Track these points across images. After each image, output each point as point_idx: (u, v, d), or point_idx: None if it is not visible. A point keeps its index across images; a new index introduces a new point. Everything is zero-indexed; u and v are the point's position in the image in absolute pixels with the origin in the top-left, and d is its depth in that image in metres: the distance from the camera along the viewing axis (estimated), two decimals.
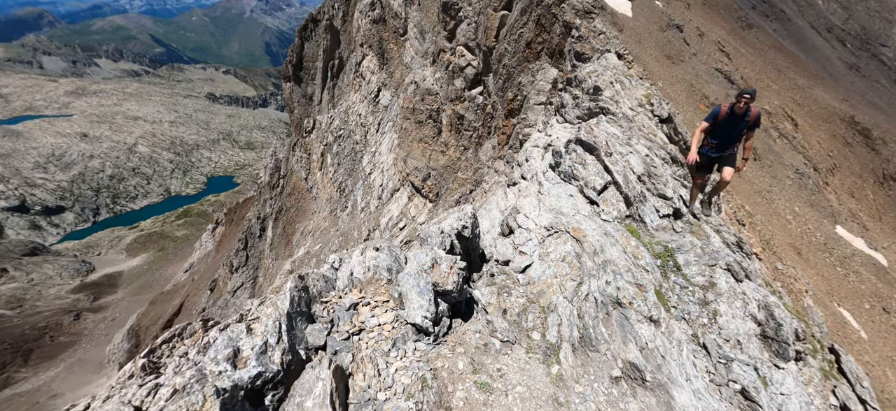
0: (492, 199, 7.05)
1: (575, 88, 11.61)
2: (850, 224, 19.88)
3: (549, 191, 5.95)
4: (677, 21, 28.41)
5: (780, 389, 3.82)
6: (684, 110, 20.83)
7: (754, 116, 5.40)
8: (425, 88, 18.22)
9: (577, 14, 20.03)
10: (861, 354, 11.85)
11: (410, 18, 20.08)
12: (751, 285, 4.84)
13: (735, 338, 4.13)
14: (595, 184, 5.78)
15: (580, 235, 4.94)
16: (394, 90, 20.72)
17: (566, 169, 6.21)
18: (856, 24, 46.60)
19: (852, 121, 27.65)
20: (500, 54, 19.94)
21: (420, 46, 19.62)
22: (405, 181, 17.79)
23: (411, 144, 18.68)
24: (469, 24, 19.05)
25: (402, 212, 17.57)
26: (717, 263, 4.88)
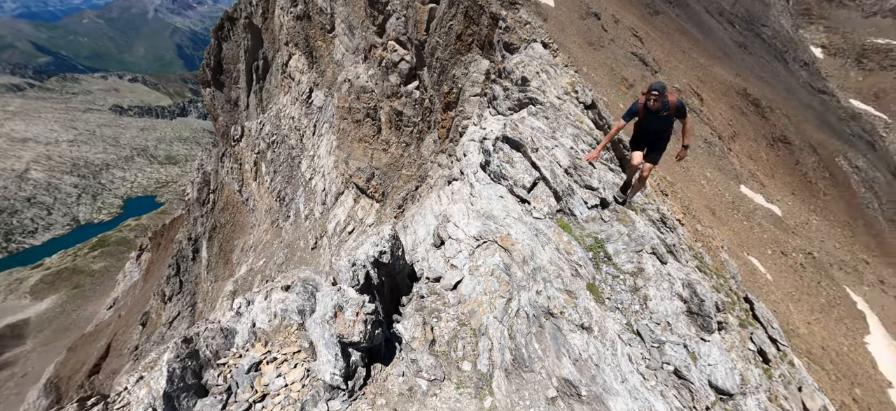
0: (427, 204, 6.84)
1: (505, 80, 11.93)
2: (751, 182, 22.69)
3: (480, 193, 5.81)
4: (595, 9, 30.28)
5: (708, 360, 4.06)
6: (607, 93, 22.34)
7: (675, 106, 5.23)
8: (360, 86, 17.72)
9: (503, 5, 20.60)
10: (769, 294, 13.68)
11: (337, 14, 19.32)
12: (675, 265, 5.10)
13: (665, 320, 4.27)
14: (524, 182, 5.69)
15: (509, 244, 4.75)
16: (327, 89, 19.86)
17: (495, 168, 6.06)
18: (741, 7, 52.93)
19: (745, 94, 31.50)
20: (432, 47, 19.95)
21: (350, 43, 18.97)
22: (349, 183, 17.22)
23: (351, 145, 18.11)
24: (398, 18, 18.81)
25: (349, 216, 17.03)
26: (643, 248, 4.98)
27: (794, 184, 25.66)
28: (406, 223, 7.25)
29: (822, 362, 11.82)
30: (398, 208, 17.27)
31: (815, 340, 12.93)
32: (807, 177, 26.99)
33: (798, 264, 17.89)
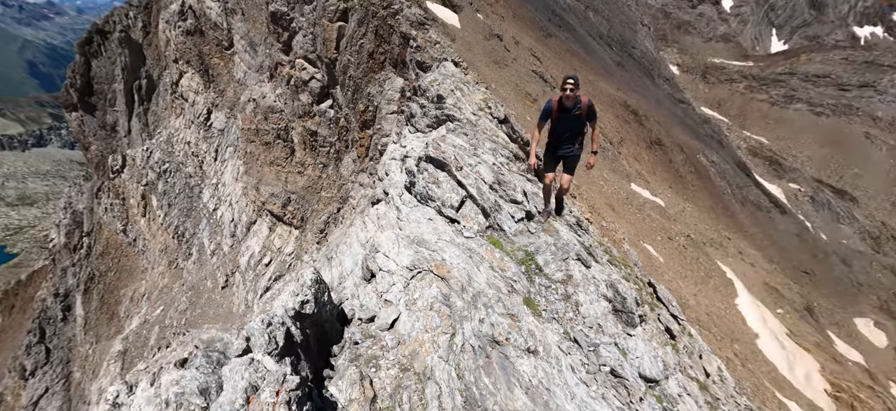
0: (352, 232, 6.35)
1: (421, 98, 12.14)
2: (638, 180, 26.08)
3: (407, 217, 5.51)
4: (497, 31, 32.59)
5: (636, 354, 4.35)
6: (515, 107, 24.04)
7: (586, 106, 5.24)
8: (267, 106, 16.53)
9: (413, 25, 21.13)
10: (663, 275, 15.76)
11: (235, 30, 17.90)
12: (597, 267, 5.38)
13: (596, 322, 4.47)
14: (452, 202, 5.55)
15: (445, 272, 4.43)
16: (228, 110, 18.08)
17: (421, 190, 5.82)
18: (616, 32, 61.47)
19: (626, 105, 36.39)
20: (344, 66, 19.58)
21: (253, 60, 17.66)
22: (262, 211, 15.78)
23: (262, 169, 16.70)
24: (305, 35, 18.15)
25: (264, 247, 15.51)
26: (569, 256, 5.13)
27: (670, 179, 30.13)
28: (330, 253, 6.63)
29: (708, 326, 13.96)
30: (320, 233, 16.40)
31: (701, 308, 15.24)
32: (678, 173, 31.94)
33: (681, 246, 20.92)
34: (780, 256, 30.13)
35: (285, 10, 17.21)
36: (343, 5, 18.75)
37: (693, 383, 4.87)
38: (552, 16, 50.06)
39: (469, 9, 33.42)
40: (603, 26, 60.42)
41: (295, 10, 17.58)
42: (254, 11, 18.56)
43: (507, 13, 39.16)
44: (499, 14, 37.39)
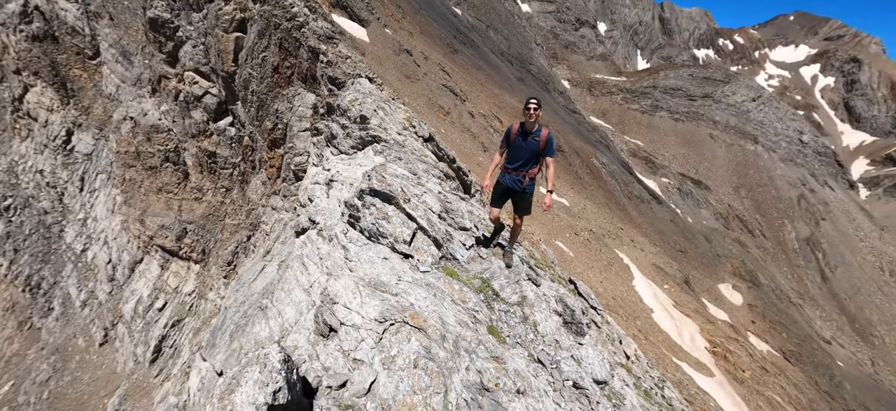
0: (290, 275, 5.62)
1: (341, 118, 11.69)
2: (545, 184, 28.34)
3: (358, 257, 5.07)
4: (406, 46, 33.03)
5: (588, 361, 4.59)
6: (429, 120, 24.51)
7: (545, 139, 4.97)
8: (150, 124, 14.14)
9: (321, 39, 20.32)
10: (575, 267, 17.25)
11: (101, 36, 15.01)
12: (546, 284, 5.51)
13: (553, 339, 4.58)
14: (404, 236, 5.32)
15: (420, 322, 4.08)
16: (97, 130, 14.80)
17: (370, 226, 5.45)
18: (514, 50, 66.79)
19: None
20: (245, 80, 17.97)
21: (128, 72, 14.98)
22: (150, 246, 13.26)
23: (147, 197, 14.14)
24: (195, 46, 16.26)
25: (156, 288, 12.91)
26: (520, 277, 5.21)
27: (571, 181, 33.37)
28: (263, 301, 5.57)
29: (616, 309, 15.63)
30: (228, 265, 14.60)
31: (608, 294, 17.02)
32: (578, 174, 35.57)
33: (586, 240, 23.18)
34: (661, 240, 35.27)
35: (168, 16, 15.19)
36: (240, 15, 17.26)
37: (622, 369, 5.33)
38: (457, 33, 52.51)
39: (376, 23, 33.36)
40: (503, 44, 65.20)
41: (180, 18, 15.63)
42: (126, 16, 15.96)
43: (415, 29, 40.02)
44: (406, 30, 38.01)
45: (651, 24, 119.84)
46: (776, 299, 37.64)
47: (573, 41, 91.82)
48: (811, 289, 48.98)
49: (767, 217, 57.75)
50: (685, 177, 59.96)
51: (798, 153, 70.93)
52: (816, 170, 69.19)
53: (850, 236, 59.55)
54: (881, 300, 51.59)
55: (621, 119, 72.97)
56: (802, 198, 61.60)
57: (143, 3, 16.33)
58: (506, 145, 5.25)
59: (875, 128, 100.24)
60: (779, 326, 31.33)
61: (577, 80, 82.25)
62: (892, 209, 73.98)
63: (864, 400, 28.20)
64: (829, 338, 40.03)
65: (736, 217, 55.43)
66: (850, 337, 44.09)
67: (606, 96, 78.61)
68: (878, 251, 58.09)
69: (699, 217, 52.29)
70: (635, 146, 65.13)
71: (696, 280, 31.78)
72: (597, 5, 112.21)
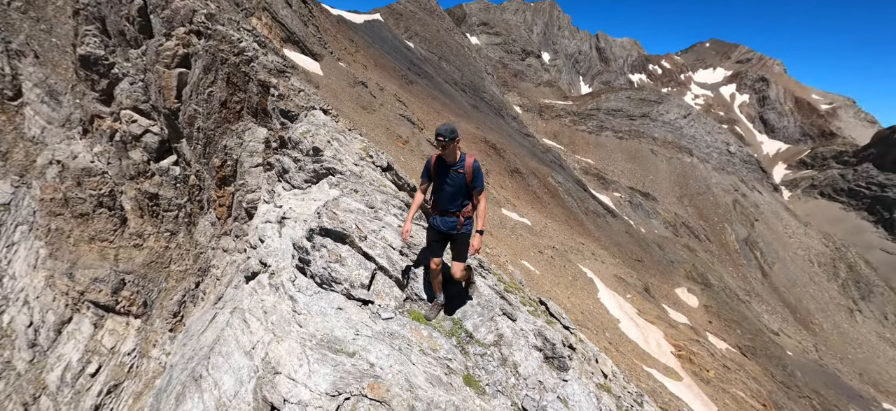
0: (228, 334, 4.65)
1: (293, 150, 11.24)
2: (507, 205, 28.84)
3: (308, 310, 4.33)
4: (361, 79, 33.12)
5: (575, 399, 4.14)
6: (388, 150, 24.39)
7: (470, 169, 4.22)
8: (80, 168, 12.76)
9: (271, 73, 19.85)
10: (542, 285, 17.36)
11: (25, 75, 13.56)
12: (522, 316, 5.07)
13: (536, 380, 4.16)
14: (361, 280, 4.63)
15: (382, 392, 3.44)
16: (17, 178, 13.00)
17: (321, 271, 4.72)
18: (468, 79, 69.19)
19: (486, 141, 40.58)
20: (190, 116, 17.00)
21: (55, 113, 13.51)
22: (81, 303, 11.56)
23: (77, 248, 12.53)
24: (133, 83, 15.25)
25: (88, 351, 11.11)
26: (494, 312, 4.77)
27: (531, 201, 34.24)
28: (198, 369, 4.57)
29: (585, 323, 15.80)
30: (174, 317, 13.24)
31: (577, 309, 17.22)
32: (537, 194, 36.61)
33: (550, 257, 23.59)
34: (619, 251, 36.77)
35: (101, 53, 14.17)
36: (183, 51, 16.49)
37: (604, 393, 5.17)
38: (411, 65, 53.63)
39: (330, 58, 33.32)
40: (456, 74, 67.35)
41: (116, 55, 14.65)
42: (54, 54, 14.69)
43: (369, 62, 40.38)
44: (361, 63, 38.24)
45: (589, 53, 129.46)
46: (727, 298, 40.13)
47: (521, 70, 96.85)
48: (755, 285, 52.84)
49: (709, 222, 62.31)
50: (634, 190, 63.68)
51: (727, 162, 78.00)
52: (745, 177, 76.23)
53: (781, 234, 65.51)
54: (814, 290, 56.63)
55: (571, 140, 76.90)
56: (737, 202, 67.30)
57: (73, 41, 15.18)
58: (427, 179, 4.48)
59: (787, 136, 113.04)
60: (733, 323, 33.26)
61: (528, 105, 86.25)
62: (810, 207, 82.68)
63: (814, 386, 30.25)
64: (777, 330, 43.05)
65: (682, 224, 59.27)
66: (794, 326, 47.72)
67: (556, 119, 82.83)
68: (805, 245, 64.19)
69: (651, 227, 55.38)
70: (587, 164, 68.61)
71: (655, 287, 33.20)
72: (540, 37, 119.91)
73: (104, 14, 16.42)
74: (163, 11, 17.15)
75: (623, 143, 76.55)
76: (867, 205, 79.16)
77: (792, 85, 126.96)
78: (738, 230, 61.88)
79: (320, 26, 38.80)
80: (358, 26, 55.53)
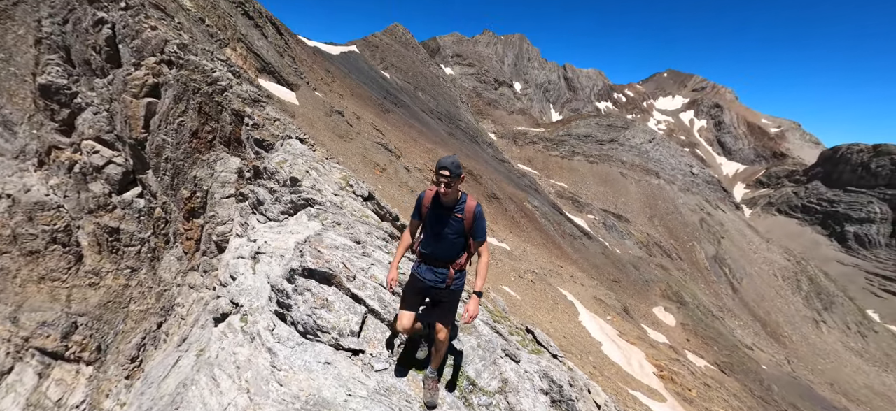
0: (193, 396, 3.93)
1: (269, 181, 10.88)
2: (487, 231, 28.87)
3: (290, 365, 3.72)
4: (338, 108, 33.08)
5: None
6: (366, 177, 24.15)
7: (471, 213, 3.49)
8: (33, 202, 11.86)
9: (246, 102, 19.48)
10: (524, 310, 17.19)
11: None
12: (525, 357, 4.77)
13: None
14: (351, 327, 4.10)
15: None
16: None
17: (304, 319, 4.14)
18: (443, 108, 70.48)
19: (463, 168, 40.99)
20: (157, 147, 16.30)
21: (8, 144, 12.63)
22: (24, 351, 10.41)
23: (23, 289, 11.43)
24: (97, 112, 14.54)
25: (31, 404, 9.88)
26: (497, 355, 4.44)
27: (509, 226, 34.47)
28: None
29: (569, 348, 15.65)
30: (132, 362, 12.15)
31: (559, 333, 17.09)
32: (514, 219, 36.94)
33: (530, 281, 23.56)
34: (597, 272, 37.28)
35: (64, 82, 13.49)
36: (152, 80, 15.96)
37: None
38: (387, 94, 54.22)
39: (306, 87, 33.20)
40: (432, 103, 68.50)
41: (79, 84, 13.98)
42: (11, 83, 13.84)
43: (346, 92, 40.51)
44: (337, 92, 38.31)
45: (558, 83, 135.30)
46: (702, 315, 41.12)
47: (494, 99, 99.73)
48: (726, 301, 54.56)
49: (680, 240, 64.53)
50: (607, 212, 65.45)
51: (692, 183, 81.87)
52: (708, 197, 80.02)
53: (746, 250, 68.53)
54: (781, 303, 59.03)
55: (545, 165, 78.91)
56: (703, 221, 70.25)
57: (33, 70, 14.41)
58: (418, 219, 3.72)
59: (743, 158, 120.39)
60: (709, 340, 33.95)
61: (502, 132, 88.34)
62: (770, 223, 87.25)
63: (791, 399, 30.97)
64: (751, 344, 44.27)
65: (655, 244, 61.08)
66: (766, 340, 49.25)
67: (530, 145, 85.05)
68: (768, 260, 67.28)
69: (625, 247, 56.73)
70: (561, 188, 70.27)
71: (633, 307, 33.65)
72: (511, 68, 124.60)
73: (69, 43, 15.76)
74: (133, 41, 16.65)
75: (594, 167, 79.18)
76: (820, 220, 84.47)
77: (743, 110, 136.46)
78: (707, 248, 64.33)
79: (296, 57, 38.86)
80: (334, 57, 56.04)
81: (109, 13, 14.37)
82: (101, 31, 14.86)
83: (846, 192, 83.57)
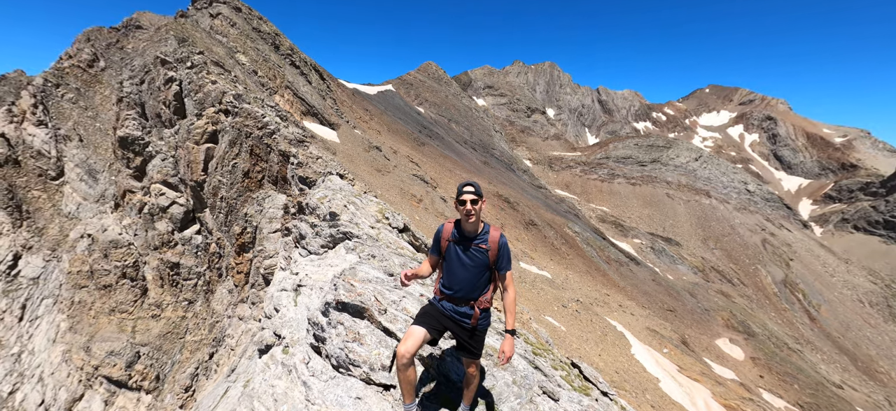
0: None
1: (310, 216, 11.38)
2: (525, 259, 28.20)
3: (324, 399, 3.87)
4: (376, 143, 34.46)
5: None
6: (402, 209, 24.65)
7: (496, 245, 3.26)
8: (109, 240, 13.18)
9: (292, 143, 20.84)
10: (570, 342, 16.34)
11: (68, 157, 14.63)
12: (565, 395, 4.56)
13: None
14: (382, 361, 4.18)
15: None
16: (49, 252, 13.54)
17: (337, 352, 4.30)
18: (476, 138, 71.34)
19: (499, 195, 40.80)
20: (214, 187, 17.70)
21: (91, 189, 14.38)
22: (94, 378, 11.31)
23: (96, 321, 12.55)
24: (164, 159, 16.12)
25: None
26: (533, 392, 4.26)
27: (549, 253, 33.48)
28: None
29: (622, 385, 14.58)
30: (185, 391, 12.79)
31: (610, 367, 16.01)
32: (554, 245, 35.87)
33: (574, 311, 22.50)
34: (648, 301, 34.94)
35: (138, 134, 15.21)
36: (212, 128, 17.57)
37: None
38: (422, 128, 55.85)
39: (346, 126, 35.01)
40: (465, 134, 69.60)
41: (151, 134, 15.69)
42: (97, 137, 15.86)
43: (382, 127, 42.23)
44: (375, 129, 40.02)
45: (592, 106, 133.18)
46: (775, 348, 37.04)
47: (528, 126, 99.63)
48: (804, 331, 48.91)
49: (740, 264, 59.42)
50: (655, 235, 61.95)
51: (748, 201, 75.96)
52: (769, 215, 73.69)
53: (821, 273, 61.71)
54: (872, 333, 51.99)
55: (584, 189, 76.74)
56: (766, 241, 64.48)
57: (114, 124, 16.37)
58: (437, 254, 3.47)
59: (805, 172, 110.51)
60: (787, 377, 30.33)
61: (538, 158, 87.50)
62: (847, 242, 78.46)
63: None
64: (839, 382, 38.99)
65: (712, 268, 56.65)
66: (858, 377, 43.19)
67: (566, 170, 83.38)
68: (850, 284, 60.04)
69: (678, 273, 53.03)
70: (602, 212, 67.70)
71: (693, 338, 31.01)
72: (543, 95, 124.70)
73: (144, 100, 17.86)
74: (196, 94, 18.57)
75: (637, 189, 75.89)
76: None
77: (800, 121, 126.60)
78: (774, 271, 58.66)
79: (337, 99, 41.30)
80: (372, 97, 58.95)
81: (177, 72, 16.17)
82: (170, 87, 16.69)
83: None
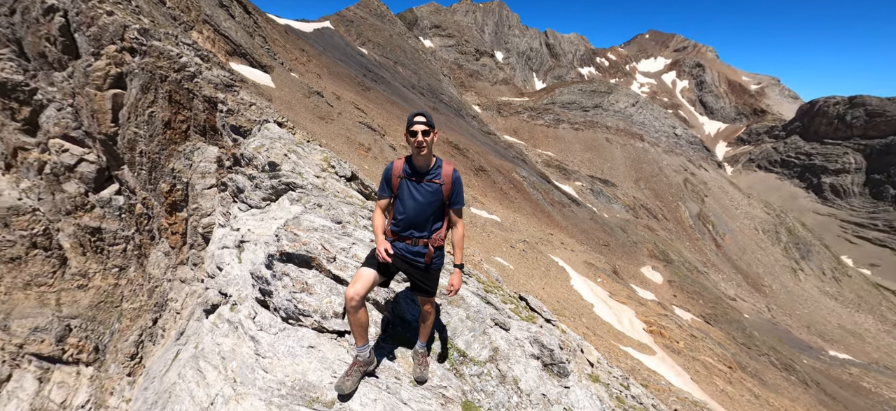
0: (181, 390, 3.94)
1: (247, 168, 10.58)
2: (475, 204, 28.96)
3: (274, 351, 3.77)
4: (316, 89, 32.19)
5: (579, 406, 3.93)
6: (351, 158, 23.81)
7: (449, 178, 3.15)
8: (6, 207, 11.41)
9: (218, 88, 18.78)
10: (518, 279, 17.50)
11: None
12: (515, 324, 4.74)
13: (538, 393, 3.87)
14: (334, 308, 4.06)
15: None
16: None
17: (285, 304, 4.16)
18: (425, 83, 69.16)
19: (448, 142, 40.65)
20: (130, 141, 15.71)
21: None
22: (19, 358, 10.25)
23: (10, 297, 11.13)
24: (60, 108, 13.87)
25: (35, 409, 9.83)
26: (485, 325, 4.44)
27: (498, 197, 34.65)
28: None
29: (563, 312, 16.08)
30: (132, 359, 12.09)
31: (552, 298, 17.51)
32: (502, 190, 37.10)
33: (521, 251, 23.90)
34: (586, 238, 38.00)
35: (20, 78, 12.75)
36: (115, 70, 15.20)
37: (596, 384, 5.12)
38: (367, 71, 52.88)
39: (281, 69, 32.11)
40: (413, 78, 67.15)
41: (38, 79, 13.26)
42: None
43: (322, 71, 39.36)
44: (314, 72, 37.19)
45: (540, 50, 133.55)
46: (687, 271, 42.52)
47: (477, 70, 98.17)
48: (710, 256, 56.42)
49: (665, 201, 65.90)
50: (594, 178, 66.18)
51: (675, 144, 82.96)
52: (692, 157, 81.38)
53: (728, 206, 70.45)
54: (761, 255, 61.34)
55: (531, 134, 78.80)
56: (687, 181, 71.67)
57: None
58: (387, 194, 3.28)
59: (724, 116, 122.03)
60: (695, 295, 35.26)
61: (487, 104, 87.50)
62: (751, 179, 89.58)
63: (771, 343, 32.63)
64: (734, 296, 46.17)
65: (641, 206, 62.28)
66: (748, 291, 51.39)
67: (514, 116, 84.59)
68: (750, 215, 69.40)
69: (613, 212, 57.75)
70: (548, 157, 70.51)
71: (622, 268, 34.56)
72: (491, 37, 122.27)
73: (20, 35, 14.83)
74: (88, 29, 15.73)
75: (579, 134, 79.42)
76: (798, 173, 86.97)
77: (724, 69, 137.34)
78: (691, 207, 65.90)
79: (268, 37, 37.37)
80: (308, 35, 54.08)
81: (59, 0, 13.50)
82: (52, 19, 13.97)
83: (823, 145, 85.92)
